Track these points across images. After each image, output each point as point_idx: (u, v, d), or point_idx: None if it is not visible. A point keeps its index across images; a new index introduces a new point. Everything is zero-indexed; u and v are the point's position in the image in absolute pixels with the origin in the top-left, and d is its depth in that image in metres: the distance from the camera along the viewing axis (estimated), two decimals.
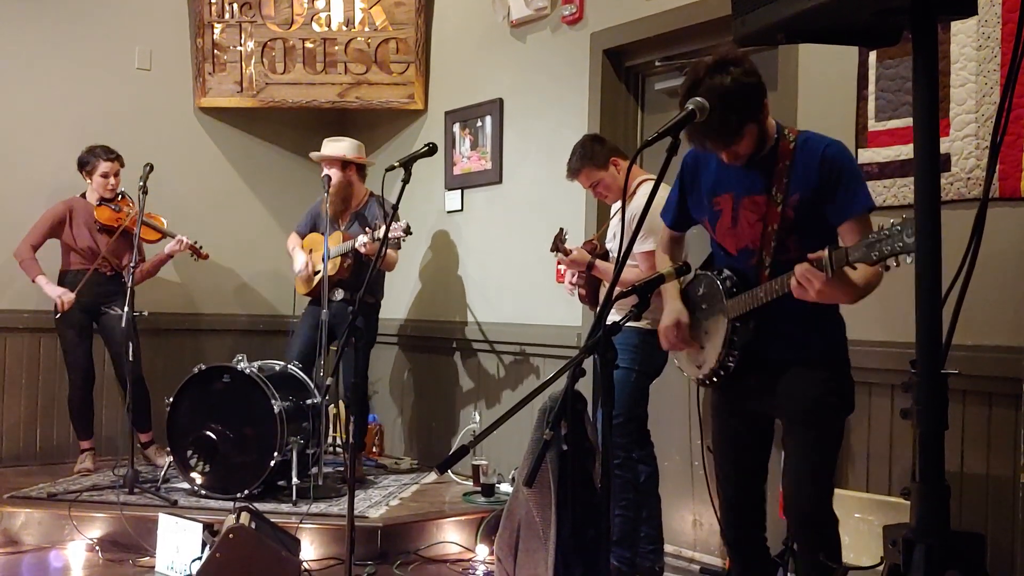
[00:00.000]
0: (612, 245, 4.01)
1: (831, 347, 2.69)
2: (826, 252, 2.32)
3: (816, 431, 2.64)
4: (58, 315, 5.20)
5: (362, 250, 4.89)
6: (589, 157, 3.97)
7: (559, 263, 4.17)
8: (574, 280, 4.18)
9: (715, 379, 2.77)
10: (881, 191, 3.42)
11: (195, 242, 5.40)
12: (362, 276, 5.05)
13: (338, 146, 5.25)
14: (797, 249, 2.55)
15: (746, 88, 2.50)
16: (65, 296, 5.15)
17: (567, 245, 4.12)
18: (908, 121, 3.33)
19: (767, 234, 2.63)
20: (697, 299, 2.84)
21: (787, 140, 2.63)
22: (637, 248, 3.76)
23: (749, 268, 2.68)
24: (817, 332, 2.65)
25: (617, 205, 4.09)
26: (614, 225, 4.07)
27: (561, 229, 4.21)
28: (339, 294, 5.09)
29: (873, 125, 3.51)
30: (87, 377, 5.32)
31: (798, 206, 2.59)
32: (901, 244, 2.10)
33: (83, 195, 5.37)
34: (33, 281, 5.23)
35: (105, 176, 5.26)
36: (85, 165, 5.29)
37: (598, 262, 3.98)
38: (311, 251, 5.34)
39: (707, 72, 2.49)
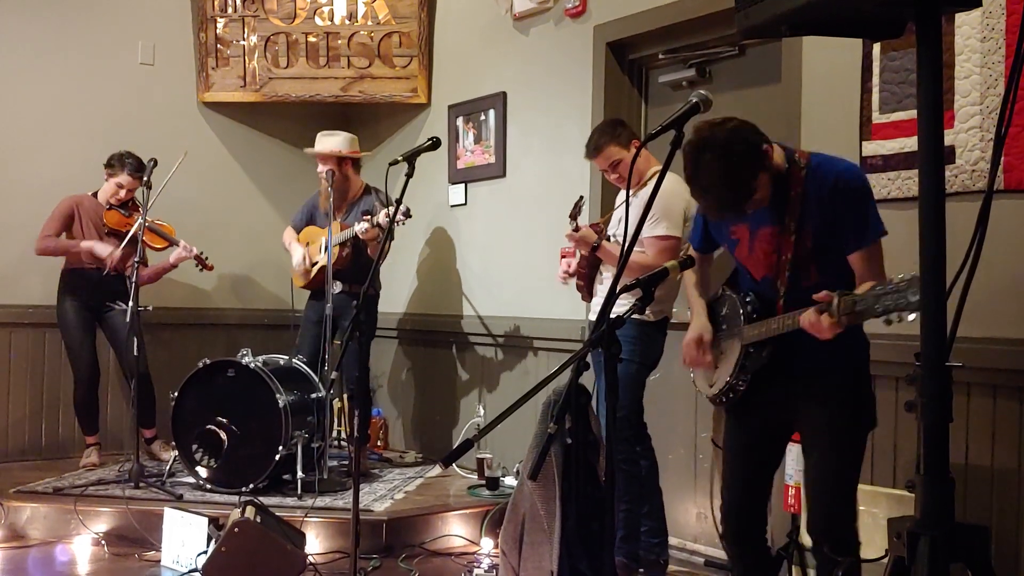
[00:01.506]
0: (618, 231, 3.96)
1: (854, 364, 2.68)
2: (835, 299, 2.31)
3: (838, 451, 2.63)
4: (59, 312, 5.24)
5: (362, 236, 4.90)
6: (614, 136, 3.88)
7: (567, 236, 4.08)
8: (571, 269, 4.13)
9: (724, 400, 2.78)
10: (885, 184, 3.42)
11: (201, 252, 5.40)
12: (359, 266, 5.07)
13: (332, 141, 5.22)
14: (818, 276, 2.55)
15: (739, 153, 2.47)
16: (115, 253, 5.12)
17: (579, 220, 4.06)
18: (912, 113, 3.33)
19: (780, 264, 2.62)
20: (720, 318, 2.86)
21: (798, 167, 2.60)
22: (647, 232, 3.71)
23: (769, 295, 2.68)
24: (840, 350, 2.59)
25: (623, 194, 4.07)
26: (620, 212, 4.02)
27: (581, 197, 4.15)
28: (337, 286, 5.08)
29: (877, 117, 3.50)
30: (92, 374, 5.33)
31: (815, 235, 2.57)
32: (905, 302, 2.10)
33: (94, 194, 5.37)
34: (79, 250, 5.18)
35: (120, 186, 5.24)
36: (111, 167, 5.27)
37: (604, 242, 3.92)
38: (308, 244, 5.35)
39: (694, 160, 2.47)
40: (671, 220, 3.74)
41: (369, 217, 4.90)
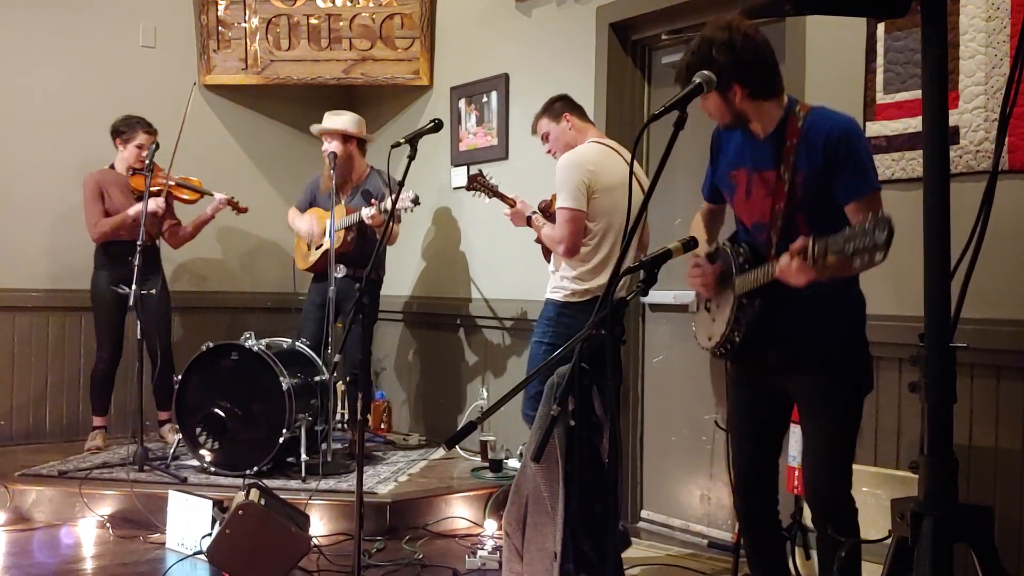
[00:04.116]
0: None
1: (849, 325, 2.66)
2: (808, 243, 2.28)
3: (834, 415, 2.63)
4: (93, 285, 5.24)
5: (368, 221, 4.89)
6: (545, 110, 4.11)
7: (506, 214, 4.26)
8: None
9: (723, 351, 2.77)
10: (890, 164, 3.41)
11: (232, 196, 5.42)
12: (364, 250, 5.07)
13: (339, 120, 5.25)
14: (805, 228, 2.52)
15: (764, 43, 2.54)
16: (159, 202, 5.10)
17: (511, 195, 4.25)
18: (917, 93, 3.31)
19: (775, 212, 2.60)
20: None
21: (796, 116, 2.60)
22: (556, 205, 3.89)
23: (761, 243, 2.67)
24: (834, 308, 2.61)
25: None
26: None
27: (480, 171, 4.34)
28: (341, 270, 5.08)
29: (881, 98, 3.48)
30: (115, 350, 5.29)
31: (805, 184, 2.56)
32: (872, 242, 2.04)
33: (111, 166, 5.34)
34: (131, 215, 5.10)
35: (140, 147, 5.23)
36: (121, 134, 5.27)
37: (534, 216, 4.08)
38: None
39: (724, 29, 2.50)
40: (567, 192, 3.82)
41: (376, 202, 4.88)
